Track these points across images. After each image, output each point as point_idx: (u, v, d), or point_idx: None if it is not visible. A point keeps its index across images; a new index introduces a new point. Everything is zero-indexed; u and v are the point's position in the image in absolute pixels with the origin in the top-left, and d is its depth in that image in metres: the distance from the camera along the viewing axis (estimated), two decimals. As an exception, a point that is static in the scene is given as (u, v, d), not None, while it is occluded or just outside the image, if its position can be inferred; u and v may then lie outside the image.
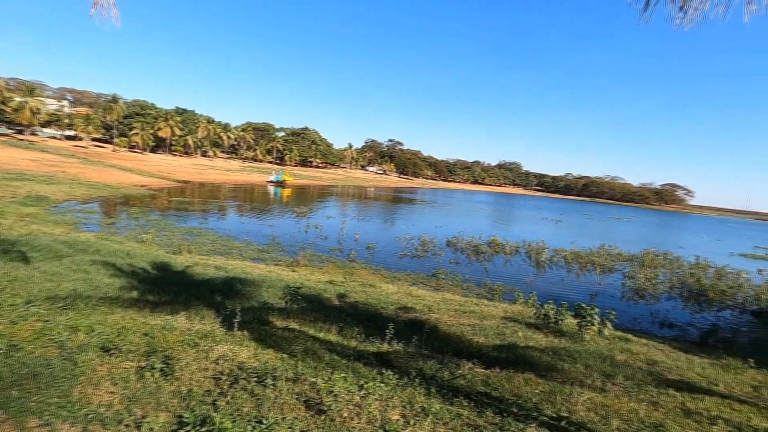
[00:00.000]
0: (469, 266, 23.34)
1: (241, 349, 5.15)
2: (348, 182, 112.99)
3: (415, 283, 17.86)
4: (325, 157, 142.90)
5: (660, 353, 10.23)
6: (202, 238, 22.43)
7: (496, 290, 17.92)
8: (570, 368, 7.56)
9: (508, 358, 7.90)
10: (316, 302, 11.03)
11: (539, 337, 10.18)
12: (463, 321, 11.15)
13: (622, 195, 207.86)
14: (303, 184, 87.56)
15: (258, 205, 45.49)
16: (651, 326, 15.79)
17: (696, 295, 21.46)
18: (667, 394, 6.58)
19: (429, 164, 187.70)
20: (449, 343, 8.59)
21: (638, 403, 5.41)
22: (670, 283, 23.23)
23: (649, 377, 7.67)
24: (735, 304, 20.39)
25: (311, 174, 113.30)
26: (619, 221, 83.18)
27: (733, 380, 8.44)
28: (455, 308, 12.72)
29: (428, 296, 14.61)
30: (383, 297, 13.06)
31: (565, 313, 11.32)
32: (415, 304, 12.48)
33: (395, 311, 11.37)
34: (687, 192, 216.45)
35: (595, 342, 10.18)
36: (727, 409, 5.94)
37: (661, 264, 29.14)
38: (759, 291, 22.26)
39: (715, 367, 9.33)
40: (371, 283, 15.80)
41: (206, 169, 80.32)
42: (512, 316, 12.47)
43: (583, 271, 25.37)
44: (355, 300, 12.12)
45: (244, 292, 11.20)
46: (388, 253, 24.23)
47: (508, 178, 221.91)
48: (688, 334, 15.02)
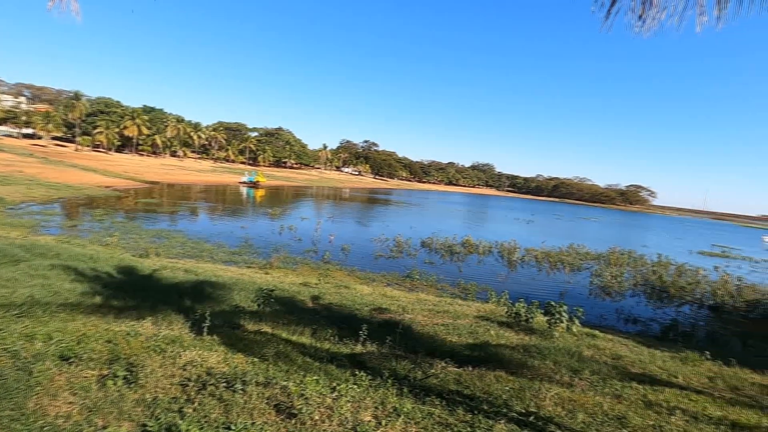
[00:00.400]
0: (444, 266, 23.59)
1: (210, 354, 5.02)
2: (323, 183, 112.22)
3: (389, 283, 17.91)
4: (299, 158, 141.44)
5: (624, 348, 10.63)
6: (171, 240, 21.77)
7: (470, 290, 18.19)
8: (539, 365, 7.75)
9: (481, 356, 8.04)
10: (290, 305, 10.90)
11: (510, 335, 10.39)
12: (437, 320, 11.26)
13: (590, 196, 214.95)
14: (277, 185, 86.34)
15: (230, 206, 44.54)
16: (616, 322, 16.39)
17: (658, 291, 22.43)
18: (630, 387, 6.86)
19: (404, 165, 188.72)
20: (423, 342, 8.66)
21: (603, 396, 5.60)
22: (634, 281, 24.18)
23: (614, 371, 7.96)
24: (693, 299, 21.42)
25: (285, 175, 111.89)
26: (587, 221, 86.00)
27: (691, 372, 8.86)
28: (429, 308, 12.83)
29: (403, 297, 14.67)
30: (358, 298, 13.04)
31: (536, 311, 11.60)
32: (390, 305, 12.51)
33: (370, 312, 11.36)
34: (650, 193, 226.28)
35: (564, 339, 10.48)
36: (685, 400, 6.24)
37: (626, 262, 30.31)
38: (715, 287, 23.45)
39: (675, 360, 9.76)
40: (346, 284, 15.74)
41: (176, 170, 78.04)
42: (485, 314, 12.68)
43: (553, 269, 26.08)
44: (329, 302, 12.04)
45: (215, 295, 10.95)
46: (363, 254, 24.20)
47: (481, 179, 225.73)
48: (651, 329, 15.68)
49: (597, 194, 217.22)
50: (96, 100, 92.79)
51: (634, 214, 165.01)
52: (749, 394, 7.73)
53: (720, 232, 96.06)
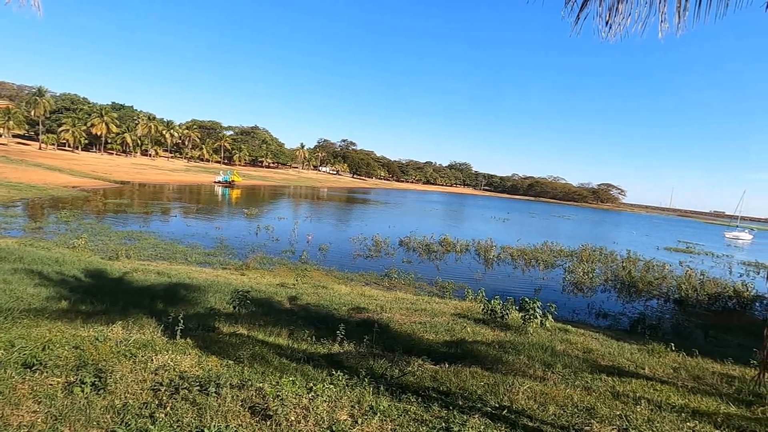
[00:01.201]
0: (422, 265, 23.78)
1: (183, 357, 4.92)
2: (300, 183, 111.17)
3: (368, 283, 17.94)
4: (276, 157, 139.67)
5: (595, 342, 10.97)
6: (142, 242, 21.16)
7: (447, 288, 18.41)
8: (514, 360, 7.93)
9: (457, 353, 8.16)
10: (267, 306, 10.78)
11: (486, 332, 10.58)
12: (415, 319, 11.36)
13: (563, 194, 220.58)
14: (253, 185, 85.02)
15: (205, 206, 43.58)
16: (588, 317, 16.92)
17: (627, 286, 23.25)
18: (599, 379, 7.10)
19: (382, 165, 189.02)
20: (400, 341, 8.72)
21: (573, 389, 5.79)
22: (605, 276, 24.99)
23: (585, 365, 8.23)
24: (660, 293, 22.31)
25: (262, 174, 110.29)
26: (561, 219, 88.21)
27: (657, 363, 9.23)
28: (407, 307, 12.92)
29: (381, 296, 14.73)
30: (336, 298, 13.01)
31: (511, 307, 11.86)
32: (368, 305, 12.53)
33: (348, 312, 11.36)
34: (620, 191, 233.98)
35: (538, 334, 10.74)
36: (651, 390, 6.51)
37: (598, 259, 31.28)
38: (680, 281, 24.46)
39: (642, 352, 10.14)
40: (324, 284, 15.68)
41: (147, 169, 75.80)
42: (462, 312, 12.86)
43: (528, 267, 26.66)
44: (306, 302, 11.98)
45: (189, 298, 10.72)
46: (341, 253, 24.14)
47: (458, 178, 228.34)
48: (620, 323, 16.25)
49: (570, 193, 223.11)
50: (61, 96, 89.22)
51: (605, 212, 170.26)
52: (710, 383, 8.12)
53: (685, 229, 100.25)
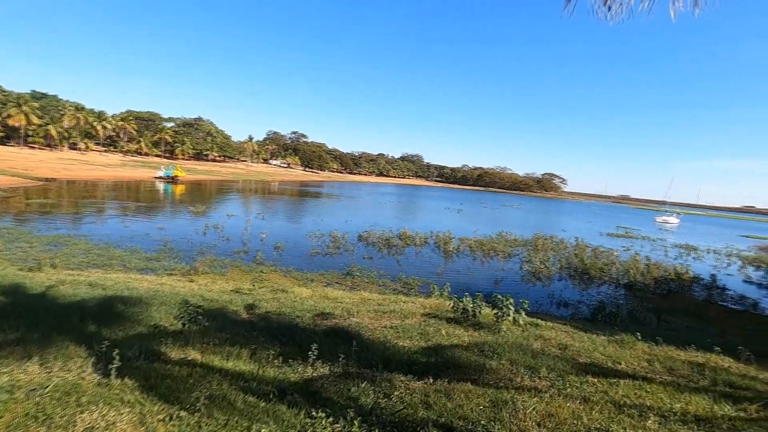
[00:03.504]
0: (383, 260, 23.19)
1: (120, 411, 3.87)
2: (250, 177, 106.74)
3: (329, 283, 17.05)
4: (222, 151, 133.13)
5: (566, 335, 10.85)
6: (71, 248, 18.79)
7: (412, 284, 17.94)
8: (498, 366, 7.49)
9: (437, 362, 7.58)
10: (221, 319, 9.62)
11: (461, 333, 10.13)
12: (385, 322, 10.68)
13: (510, 184, 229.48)
14: (198, 180, 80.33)
15: (145, 204, 40.16)
16: (551, 307, 17.12)
17: (581, 273, 24.05)
18: (587, 383, 6.80)
19: (334, 157, 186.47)
20: (376, 351, 8.00)
21: (573, 401, 5.38)
22: (559, 265, 25.73)
23: (567, 365, 7.95)
24: (611, 279, 23.27)
25: (208, 168, 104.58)
26: (510, 208, 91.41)
27: (630, 356, 9.20)
28: (375, 308, 12.22)
29: (346, 297, 13.91)
30: (298, 303, 12.04)
31: (481, 304, 11.52)
32: (333, 309, 11.69)
33: (313, 319, 10.45)
34: (562, 180, 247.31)
35: (512, 332, 10.46)
36: (642, 393, 6.27)
37: (551, 247, 32.32)
38: (627, 266, 25.76)
39: (613, 344, 10.13)
40: (283, 287, 14.60)
41: (76, 165, 69.13)
42: (431, 311, 12.36)
43: (486, 258, 26.90)
44: (266, 310, 10.91)
45: (128, 314, 9.31)
46: (298, 252, 22.97)
47: (411, 170, 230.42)
48: (581, 312, 16.57)
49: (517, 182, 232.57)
50: (-32, 83, 78.87)
51: (549, 200, 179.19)
52: (685, 374, 8.14)
53: (621, 215, 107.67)
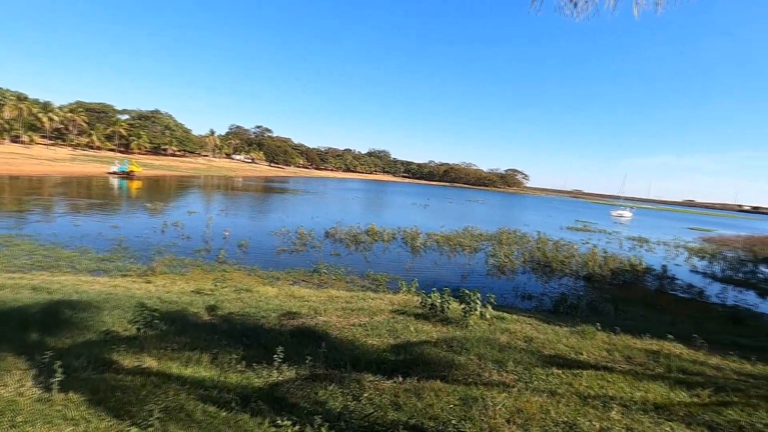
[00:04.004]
0: (350, 257, 22.98)
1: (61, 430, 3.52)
2: (212, 172, 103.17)
3: (296, 281, 16.68)
4: (182, 145, 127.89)
5: (530, 328, 11.09)
6: (13, 249, 17.40)
7: (380, 280, 17.86)
8: (466, 361, 7.52)
9: (407, 360, 7.53)
10: (180, 322, 9.14)
11: (429, 329, 10.14)
12: (353, 320, 10.53)
13: (475, 180, 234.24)
14: (156, 175, 76.82)
15: (98, 202, 37.89)
16: (515, 300, 17.51)
17: (543, 266, 24.79)
18: (553, 375, 6.94)
19: (300, 152, 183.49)
20: (344, 351, 7.85)
21: (540, 395, 5.45)
22: (523, 258, 26.40)
23: (533, 357, 8.11)
24: (571, 271, 24.11)
25: (166, 163, 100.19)
26: (475, 203, 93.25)
27: (591, 346, 9.52)
28: (343, 306, 12.04)
29: (313, 296, 13.62)
30: (263, 303, 11.66)
31: (449, 299, 11.59)
32: (300, 308, 11.41)
33: (278, 319, 10.15)
34: (524, 176, 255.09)
35: (479, 326, 10.58)
36: (604, 383, 6.46)
37: (514, 241, 33.15)
38: (586, 258, 26.80)
39: (575, 335, 10.45)
40: (247, 287, 14.13)
41: (19, 159, 64.38)
42: (400, 307, 12.33)
43: (453, 252, 27.22)
44: (229, 311, 10.49)
45: (77, 320, 8.67)
46: (263, 249, 22.36)
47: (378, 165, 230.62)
48: (544, 304, 17.06)
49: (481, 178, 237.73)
50: None
51: (512, 195, 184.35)
52: (642, 362, 8.50)
53: (579, 209, 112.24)
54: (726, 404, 5.72)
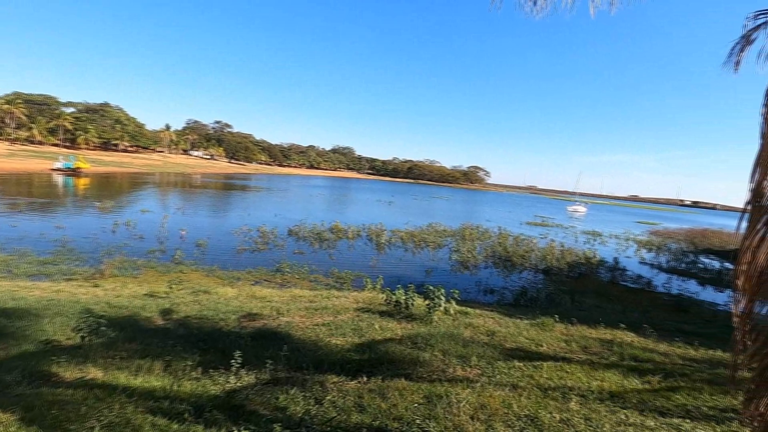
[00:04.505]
0: (314, 255, 22.62)
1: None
2: (168, 169, 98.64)
3: (257, 281, 16.20)
4: (135, 140, 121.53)
5: (493, 321, 11.31)
6: (-62, 253, 15.82)
7: (345, 278, 17.68)
8: (431, 357, 7.52)
9: (371, 359, 7.43)
10: (131, 327, 8.60)
11: (394, 326, 10.10)
12: (317, 320, 10.33)
13: (439, 176, 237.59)
14: (106, 172, 72.58)
15: (40, 200, 35.23)
16: (478, 294, 17.84)
17: (504, 261, 25.44)
18: (515, 368, 7.07)
19: (262, 149, 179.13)
20: (307, 352, 7.65)
21: (503, 390, 5.51)
22: (485, 253, 26.99)
23: (495, 351, 8.24)
24: (531, 265, 24.89)
25: (118, 159, 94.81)
26: (439, 200, 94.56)
27: (550, 338, 9.81)
28: (306, 306, 11.79)
29: (275, 296, 13.26)
30: (222, 305, 11.21)
31: (413, 295, 11.61)
32: (262, 309, 11.07)
33: (238, 321, 9.79)
34: (486, 173, 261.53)
35: (443, 321, 10.67)
36: (563, 374, 6.64)
37: (477, 237, 33.83)
38: (544, 252, 27.77)
39: (535, 327, 10.75)
40: (205, 288, 13.56)
41: (-52, 154, 58.80)
42: (364, 305, 12.23)
43: (417, 249, 27.41)
44: (185, 315, 10.00)
45: (12, 330, 7.96)
46: (223, 249, 21.57)
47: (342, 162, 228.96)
48: (505, 298, 17.49)
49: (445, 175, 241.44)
50: None
51: (474, 191, 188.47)
52: (597, 352, 8.86)
53: (538, 204, 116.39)
54: (674, 389, 6.03)
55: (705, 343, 9.95)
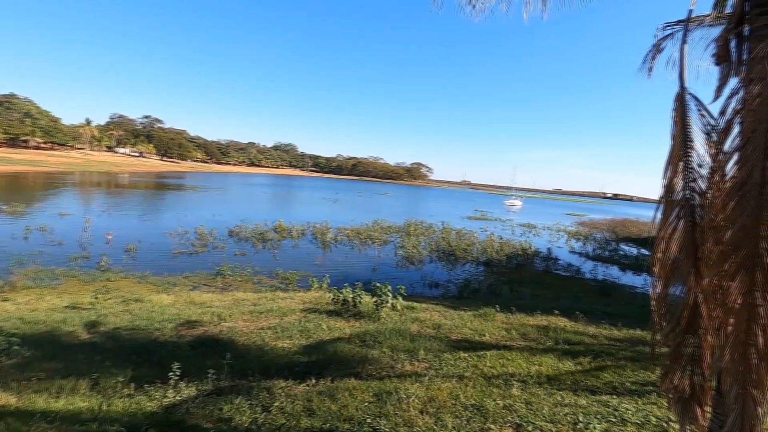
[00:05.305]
0: (258, 256, 21.88)
1: None
2: (90, 168, 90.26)
3: (196, 286, 15.36)
4: (49, 136, 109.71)
5: (439, 315, 11.61)
6: None
7: (290, 278, 17.28)
8: (380, 355, 7.57)
9: (320, 360, 7.34)
10: (50, 344, 7.79)
11: (342, 325, 10.06)
12: (262, 324, 10.02)
13: (383, 173, 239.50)
14: (15, 172, 64.96)
15: (-70, 204, 30.69)
16: (424, 288, 18.24)
17: (448, 255, 26.23)
18: (460, 359, 7.32)
19: (198, 146, 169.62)
20: (252, 358, 7.39)
21: (450, 381, 5.68)
22: (429, 248, 27.64)
23: (442, 344, 8.48)
24: (473, 258, 25.89)
25: (29, 158, 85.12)
26: (384, 197, 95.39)
27: (492, 327, 10.27)
28: (250, 310, 11.38)
29: (216, 300, 12.66)
30: (157, 313, 10.50)
31: (361, 293, 11.62)
32: (201, 315, 10.52)
33: (176, 330, 9.22)
34: (428, 169, 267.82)
35: (390, 317, 10.79)
36: (504, 361, 6.98)
37: (421, 232, 34.55)
38: (485, 245, 29.01)
39: (478, 318, 11.19)
40: (137, 296, 12.61)
41: None
42: (312, 305, 12.05)
43: (364, 246, 27.45)
44: (115, 327, 9.24)
45: None
46: (156, 253, 20.17)
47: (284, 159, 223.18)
48: (450, 291, 18.03)
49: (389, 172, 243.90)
50: None
51: (418, 187, 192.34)
52: (534, 338, 9.41)
53: (477, 199, 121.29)
54: (602, 368, 6.57)
55: (627, 323, 10.94)
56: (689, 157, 3.01)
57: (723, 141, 2.72)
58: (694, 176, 3.00)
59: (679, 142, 3.02)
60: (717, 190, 2.74)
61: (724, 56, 2.97)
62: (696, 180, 2.99)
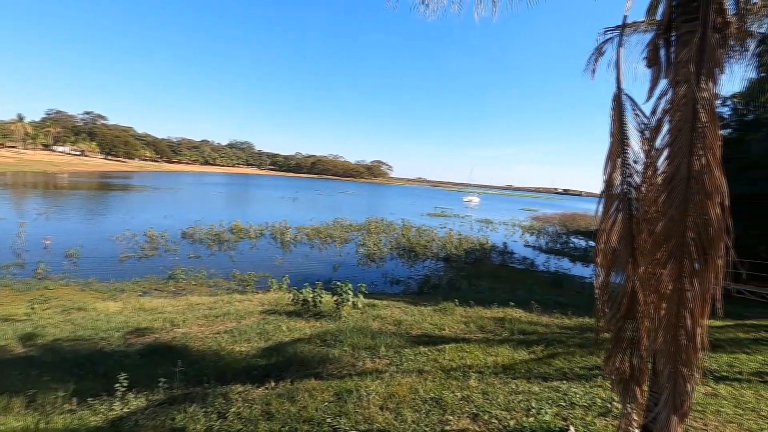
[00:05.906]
0: (213, 258, 21.13)
1: None
2: (24, 167, 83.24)
3: (146, 291, 14.60)
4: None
5: (399, 311, 11.71)
6: None
7: (248, 280, 16.81)
8: (340, 354, 7.54)
9: (279, 362, 7.20)
10: (-22, 361, 7.13)
11: (302, 325, 9.92)
12: (219, 328, 9.69)
13: (343, 171, 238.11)
14: (-65, 173, 58.77)
15: None
16: (385, 286, 18.35)
17: (408, 251, 26.52)
18: (420, 353, 7.43)
19: (147, 144, 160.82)
20: (208, 364, 7.12)
21: (410, 376, 5.75)
22: (390, 245, 27.82)
23: (402, 340, 8.56)
24: (432, 254, 26.34)
25: (-50, 157, 77.27)
26: (344, 195, 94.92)
27: (451, 321, 10.50)
28: (205, 314, 10.96)
29: (168, 306, 12.08)
30: (102, 322, 9.89)
31: (321, 292, 11.50)
32: (152, 322, 10.01)
33: (124, 339, 8.73)
34: (388, 167, 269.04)
35: (352, 316, 10.76)
36: (463, 353, 7.16)
37: (382, 230, 34.71)
38: (444, 241, 29.59)
39: (438, 313, 11.39)
40: (80, 305, 11.80)
41: None
42: (271, 307, 11.81)
43: (324, 245, 27.22)
44: (55, 338, 8.61)
45: None
46: (101, 258, 18.97)
47: (241, 158, 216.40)
48: (411, 287, 18.26)
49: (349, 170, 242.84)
50: None
51: (378, 185, 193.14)
52: (491, 330, 9.72)
53: (437, 196, 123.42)
54: (554, 356, 6.90)
55: (576, 312, 11.54)
56: (626, 154, 3.22)
57: (654, 138, 2.92)
58: (630, 171, 3.21)
59: (617, 139, 3.22)
60: (650, 184, 2.94)
61: (654, 60, 3.19)
62: (632, 175, 3.20)
